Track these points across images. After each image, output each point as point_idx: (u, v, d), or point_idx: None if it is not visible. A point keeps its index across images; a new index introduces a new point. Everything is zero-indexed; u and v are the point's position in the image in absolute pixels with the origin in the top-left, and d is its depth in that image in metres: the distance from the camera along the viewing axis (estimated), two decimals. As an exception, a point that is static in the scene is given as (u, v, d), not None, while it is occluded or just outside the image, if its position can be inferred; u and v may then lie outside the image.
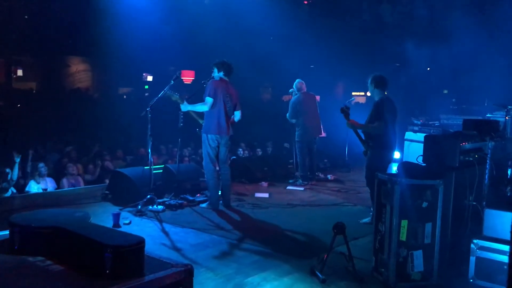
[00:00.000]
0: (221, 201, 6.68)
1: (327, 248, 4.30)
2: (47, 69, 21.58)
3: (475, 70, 12.04)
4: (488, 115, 8.27)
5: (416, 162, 4.43)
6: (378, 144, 5.67)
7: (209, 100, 6.32)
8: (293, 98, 8.50)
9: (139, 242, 2.29)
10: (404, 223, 3.92)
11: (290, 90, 8.72)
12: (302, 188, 8.12)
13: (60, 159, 9.68)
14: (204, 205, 6.64)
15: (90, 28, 18.24)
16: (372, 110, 5.74)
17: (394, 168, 6.30)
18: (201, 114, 6.63)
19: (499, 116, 7.28)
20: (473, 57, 12.47)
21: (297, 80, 8.63)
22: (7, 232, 2.74)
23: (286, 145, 12.48)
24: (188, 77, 18.33)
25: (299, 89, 8.52)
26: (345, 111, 5.79)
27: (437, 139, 4.78)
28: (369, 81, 5.89)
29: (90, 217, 2.79)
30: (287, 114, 8.48)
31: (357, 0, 15.68)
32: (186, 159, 10.35)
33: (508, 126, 6.40)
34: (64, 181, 8.60)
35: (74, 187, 8.42)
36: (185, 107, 6.53)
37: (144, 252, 2.31)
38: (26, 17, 18.26)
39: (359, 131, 5.81)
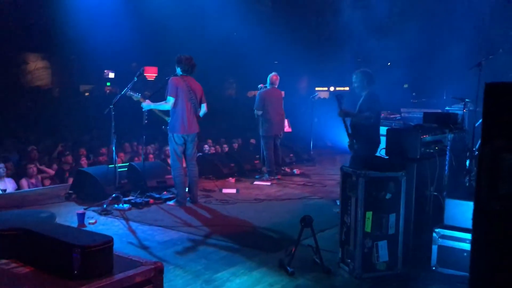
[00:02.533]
0: (188, 198, 6.66)
1: (294, 241, 4.35)
2: (4, 66, 20.80)
3: (434, 64, 12.41)
4: (446, 108, 8.55)
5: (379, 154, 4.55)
6: (365, 138, 5.63)
7: (170, 99, 6.28)
8: (261, 90, 8.51)
9: (107, 241, 2.26)
10: (369, 214, 4.02)
11: (259, 85, 8.72)
12: (268, 183, 8.17)
13: (20, 159, 9.41)
14: (171, 202, 6.60)
15: (49, 24, 17.73)
16: (364, 101, 5.66)
17: None
18: (165, 112, 6.57)
19: (457, 109, 7.55)
20: (431, 52, 12.85)
21: (272, 73, 8.59)
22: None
23: (252, 140, 12.53)
24: (151, 73, 18.12)
25: (272, 82, 8.51)
26: (339, 100, 5.72)
27: (398, 132, 4.92)
28: (360, 76, 5.77)
29: (55, 217, 2.74)
30: (254, 106, 8.48)
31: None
32: (151, 156, 10.25)
33: (466, 118, 6.65)
34: (24, 181, 8.36)
35: (35, 187, 8.21)
36: (147, 106, 6.47)
37: (112, 251, 2.29)
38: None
39: (348, 123, 5.76)
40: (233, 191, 7.54)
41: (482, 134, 2.02)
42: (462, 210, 4.07)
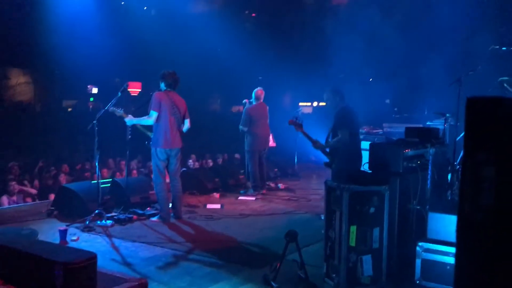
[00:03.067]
0: (172, 214, 6.60)
1: (279, 257, 4.34)
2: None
3: (415, 80, 12.61)
4: (428, 123, 8.68)
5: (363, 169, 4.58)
6: (343, 156, 5.58)
7: (153, 113, 6.27)
8: (247, 106, 8.53)
9: (91, 258, 2.23)
10: (353, 228, 4.04)
11: (244, 101, 8.73)
12: (253, 198, 8.16)
13: (0, 175, 9.25)
14: (155, 218, 6.54)
15: (31, 39, 17.60)
16: (335, 120, 5.63)
17: None
18: (149, 127, 6.55)
19: (438, 124, 7.66)
20: (412, 67, 13.05)
21: (257, 88, 8.61)
22: None
23: (237, 155, 12.53)
24: (135, 89, 18.06)
25: (257, 97, 8.54)
26: (295, 123, 5.75)
27: (381, 147, 4.98)
28: (330, 94, 5.74)
29: (37, 234, 2.70)
30: (240, 122, 8.47)
31: (302, 14, 16.07)
32: (134, 171, 10.17)
33: (447, 133, 6.75)
34: (4, 198, 8.22)
35: (15, 204, 8.07)
36: (130, 121, 6.45)
37: (96, 267, 2.26)
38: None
39: (323, 143, 5.77)
40: (218, 206, 7.51)
41: (464, 147, 2.06)
42: (445, 224, 4.11)
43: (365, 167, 4.60)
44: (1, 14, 16.16)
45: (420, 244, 4.19)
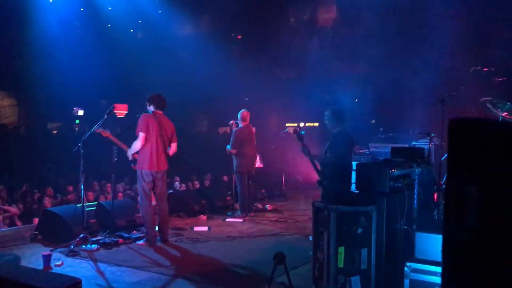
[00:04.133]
0: (158, 237, 6.52)
1: (267, 279, 4.29)
2: (-32, 104, 20.36)
3: (399, 100, 12.79)
4: (413, 143, 8.77)
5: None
6: (334, 174, 5.55)
7: (140, 134, 6.26)
8: (236, 128, 8.54)
9: (75, 284, 2.19)
10: (341, 249, 4.03)
11: (230, 122, 8.76)
12: (241, 220, 8.12)
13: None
14: (140, 241, 6.46)
15: (15, 61, 17.54)
16: (329, 143, 5.66)
17: None
18: (127, 141, 6.52)
19: (423, 144, 7.75)
20: (396, 88, 13.25)
21: (242, 110, 8.64)
22: None
23: (224, 177, 12.47)
24: (121, 111, 18.02)
25: (243, 119, 8.56)
26: (298, 133, 5.71)
27: (368, 166, 4.99)
28: (329, 114, 5.76)
29: (20, 259, 2.63)
30: (229, 145, 8.46)
31: (287, 36, 16.29)
32: (120, 194, 10.05)
33: (432, 152, 6.82)
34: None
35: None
36: (129, 155, 6.41)
37: (80, 293, 2.22)
38: None
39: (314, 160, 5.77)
40: (205, 229, 7.45)
41: (448, 167, 2.08)
42: (433, 244, 4.11)
43: (352, 187, 4.62)
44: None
45: (408, 264, 4.19)
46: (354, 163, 5.24)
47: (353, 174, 4.95)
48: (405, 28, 12.42)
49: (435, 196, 5.68)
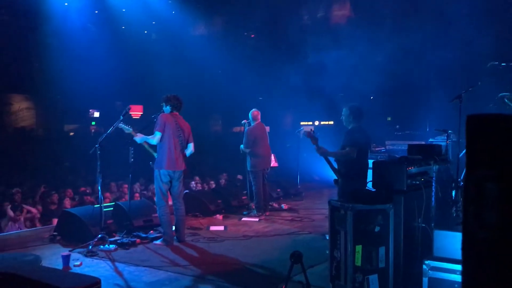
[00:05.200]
0: (175, 237, 6.56)
1: (284, 278, 4.29)
2: (-12, 108, 20.71)
3: (416, 97, 12.66)
4: (430, 140, 8.67)
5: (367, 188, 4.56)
6: (350, 173, 5.61)
7: (157, 134, 6.31)
8: (248, 127, 8.56)
9: (94, 283, 2.21)
10: (359, 248, 4.00)
11: (243, 121, 8.78)
12: (257, 219, 8.12)
13: (1, 202, 9.21)
14: (158, 241, 6.50)
15: (32, 65, 17.80)
16: (344, 138, 5.70)
17: None
18: (154, 147, 6.58)
19: (440, 141, 7.66)
20: (412, 84, 13.13)
21: (252, 109, 8.68)
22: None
23: (239, 176, 12.50)
24: (136, 112, 18.17)
25: (254, 118, 8.58)
26: (312, 135, 5.72)
27: (384, 164, 4.95)
28: (347, 111, 5.80)
29: (40, 260, 2.68)
30: (242, 144, 8.49)
31: (301, 33, 16.24)
32: (137, 195, 10.15)
33: (450, 149, 6.74)
34: (6, 224, 8.20)
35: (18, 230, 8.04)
36: (140, 139, 6.47)
37: (100, 293, 2.24)
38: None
39: (331, 159, 5.78)
40: (221, 228, 7.47)
41: (466, 164, 2.05)
42: (451, 241, 4.07)
43: (369, 185, 4.58)
44: (3, 42, 16.37)
45: (426, 262, 4.15)
46: (370, 161, 5.21)
47: (370, 172, 4.92)
48: (421, 23, 12.29)
49: (453, 193, 5.62)
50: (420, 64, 12.14)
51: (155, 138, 6.32)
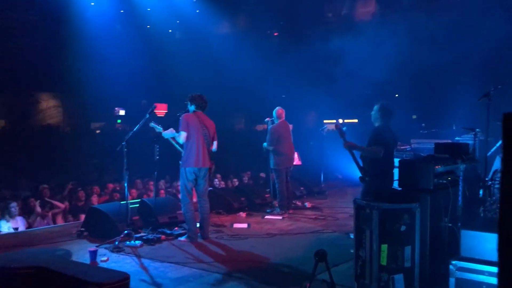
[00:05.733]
0: (199, 234, 6.62)
1: (308, 276, 4.28)
2: (17, 106, 21.25)
3: (442, 95, 12.46)
4: (456, 138, 8.53)
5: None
6: (375, 171, 5.55)
7: (182, 133, 6.38)
8: (272, 125, 8.56)
9: (124, 279, 2.26)
10: (384, 247, 3.97)
11: (266, 119, 8.78)
12: (280, 217, 8.11)
13: (30, 198, 9.43)
14: (182, 238, 6.57)
15: (60, 64, 18.16)
16: (370, 136, 5.67)
17: None
18: (181, 144, 6.66)
19: (467, 139, 7.53)
20: (439, 83, 12.92)
21: (277, 107, 8.67)
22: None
23: (262, 174, 12.51)
24: (161, 110, 18.36)
25: (278, 116, 8.58)
26: (340, 128, 5.68)
27: (411, 163, 4.88)
28: (376, 108, 5.77)
29: (71, 255, 2.74)
30: (265, 142, 8.49)
31: (325, 31, 16.16)
32: (162, 191, 10.26)
33: (477, 148, 6.62)
34: (35, 220, 8.39)
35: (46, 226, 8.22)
36: (170, 134, 6.56)
37: (129, 288, 2.28)
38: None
39: (357, 156, 5.74)
40: (244, 225, 7.50)
41: (503, 163, 2.01)
42: (479, 242, 4.00)
43: (395, 184, 4.54)
44: (32, 42, 16.76)
45: (453, 262, 4.09)
46: (396, 160, 5.16)
47: (396, 171, 4.87)
48: (448, 20, 12.08)
49: (481, 192, 5.52)
50: (446, 61, 11.94)
51: (181, 137, 6.39)
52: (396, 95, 14.60)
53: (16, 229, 7.79)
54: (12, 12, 15.82)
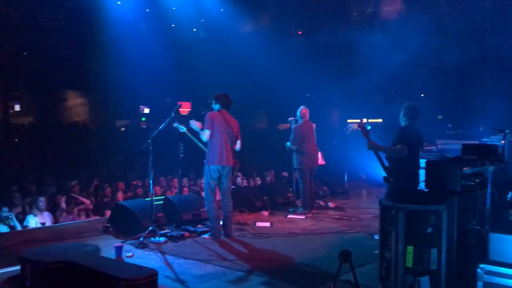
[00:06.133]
0: (222, 231, 6.65)
1: (331, 277, 4.27)
2: (44, 103, 21.72)
3: (469, 95, 12.22)
4: (484, 139, 8.37)
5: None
6: (401, 172, 5.49)
7: (206, 131, 6.42)
8: (295, 124, 8.54)
9: (152, 275, 2.29)
10: (410, 249, 3.92)
11: (289, 119, 8.76)
12: (303, 217, 8.10)
13: (57, 194, 9.62)
14: (206, 235, 6.62)
15: (87, 62, 18.46)
16: (396, 136, 5.63)
17: None
18: (205, 143, 6.70)
19: (495, 140, 7.38)
20: (466, 83, 12.68)
21: (301, 107, 8.65)
22: (18, 267, 2.74)
23: (284, 173, 12.49)
24: (185, 109, 18.50)
25: (302, 116, 8.56)
26: (363, 127, 5.64)
27: (438, 164, 4.81)
28: (402, 108, 5.75)
29: (100, 250, 2.80)
30: (288, 142, 8.47)
31: (349, 30, 16.04)
32: (185, 189, 10.34)
33: (506, 150, 6.48)
34: (60, 215, 8.56)
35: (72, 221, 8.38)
36: (194, 126, 6.55)
37: (157, 284, 2.31)
38: (25, 53, 18.48)
39: (382, 156, 5.69)
40: (267, 224, 7.50)
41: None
42: (508, 245, 3.93)
43: (421, 185, 4.48)
44: (59, 41, 17.09)
45: (481, 266, 4.02)
46: (422, 161, 5.09)
47: (422, 172, 4.81)
48: (477, 18, 11.84)
49: (510, 195, 5.41)
50: (474, 59, 11.71)
51: (204, 135, 6.43)
52: (422, 95, 14.39)
53: (43, 223, 7.98)
54: (41, 12, 16.15)
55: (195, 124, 6.56)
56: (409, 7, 15.22)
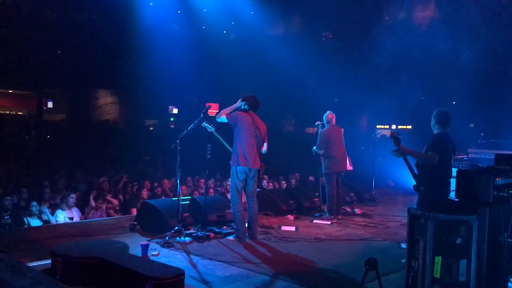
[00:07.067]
0: (247, 234, 6.66)
1: (356, 284, 4.23)
2: (77, 101, 22.21)
3: (503, 104, 11.92)
4: (518, 150, 8.14)
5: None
6: (431, 181, 5.33)
7: (222, 112, 6.57)
8: (322, 129, 8.50)
9: (179, 274, 2.31)
10: (438, 259, 3.85)
11: (316, 123, 8.72)
12: (329, 222, 8.03)
13: (88, 190, 9.82)
14: (231, 237, 6.63)
15: (118, 62, 18.82)
16: (429, 143, 5.48)
17: None
18: (231, 144, 6.73)
19: (530, 151, 7.17)
20: (499, 91, 12.37)
21: (327, 112, 8.60)
22: (49, 261, 2.81)
23: (310, 178, 12.43)
24: (213, 110, 18.63)
25: (328, 121, 8.51)
26: (396, 136, 5.58)
27: (470, 174, 4.70)
28: (433, 115, 5.63)
29: (128, 248, 2.84)
30: (315, 146, 8.43)
31: (380, 35, 15.86)
32: (211, 190, 10.40)
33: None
34: (89, 212, 8.74)
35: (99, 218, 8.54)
36: (221, 119, 6.67)
37: (184, 284, 2.33)
38: (59, 51, 18.94)
39: (412, 164, 5.60)
40: (292, 228, 7.47)
41: None
42: (541, 260, 3.80)
43: (451, 195, 4.39)
44: (92, 40, 17.45)
45: (512, 280, 3.91)
46: (454, 170, 4.98)
47: (453, 181, 4.71)
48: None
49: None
50: (507, 66, 11.42)
51: (220, 115, 6.58)
52: (454, 102, 14.11)
53: (71, 219, 8.15)
54: (76, 12, 16.54)
55: (221, 118, 6.62)
56: (442, 12, 14.95)
